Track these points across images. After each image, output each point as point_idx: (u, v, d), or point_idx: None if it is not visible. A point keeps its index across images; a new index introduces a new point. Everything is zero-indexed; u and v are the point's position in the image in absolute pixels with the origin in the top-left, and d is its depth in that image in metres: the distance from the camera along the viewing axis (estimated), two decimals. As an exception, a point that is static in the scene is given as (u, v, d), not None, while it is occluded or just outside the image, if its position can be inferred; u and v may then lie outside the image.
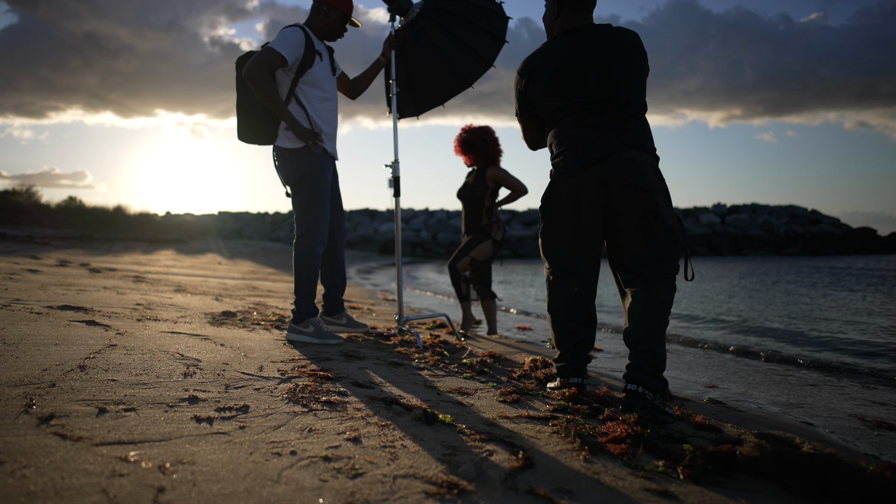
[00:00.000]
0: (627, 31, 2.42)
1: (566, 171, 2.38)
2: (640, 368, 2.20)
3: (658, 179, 2.31)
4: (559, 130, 2.44)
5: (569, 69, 2.38)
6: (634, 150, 2.30)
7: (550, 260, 2.49)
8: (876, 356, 4.68)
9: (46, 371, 2.01)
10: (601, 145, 2.32)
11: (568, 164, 2.38)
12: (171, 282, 6.61)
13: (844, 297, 9.87)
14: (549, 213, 2.46)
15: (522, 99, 2.57)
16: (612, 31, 2.41)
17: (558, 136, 2.44)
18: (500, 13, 3.76)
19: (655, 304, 2.27)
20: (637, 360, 2.22)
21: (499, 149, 4.60)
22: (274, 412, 1.84)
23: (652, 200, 2.25)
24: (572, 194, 2.37)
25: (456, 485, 1.36)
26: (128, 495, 1.17)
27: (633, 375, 2.20)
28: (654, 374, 2.20)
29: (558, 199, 2.42)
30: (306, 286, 3.29)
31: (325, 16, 3.31)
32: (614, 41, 2.37)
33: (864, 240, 39.09)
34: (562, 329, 2.47)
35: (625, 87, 2.34)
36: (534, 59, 2.49)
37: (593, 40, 2.39)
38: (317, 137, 3.22)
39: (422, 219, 40.64)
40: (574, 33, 2.44)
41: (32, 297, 3.81)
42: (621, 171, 2.27)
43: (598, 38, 2.40)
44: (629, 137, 2.32)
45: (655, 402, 2.15)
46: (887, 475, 1.55)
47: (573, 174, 2.35)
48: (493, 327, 4.67)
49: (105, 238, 15.47)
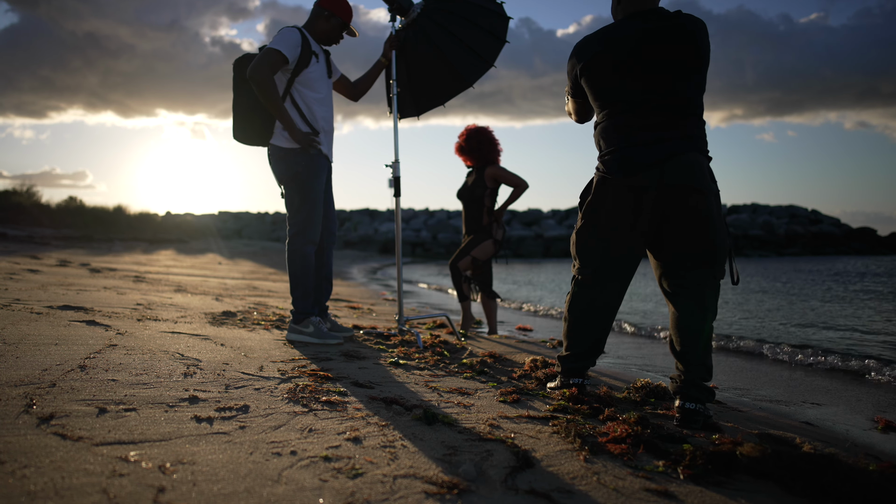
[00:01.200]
0: (697, 21, 2.21)
1: (620, 171, 2.24)
2: (694, 386, 2.13)
3: (713, 182, 2.21)
4: (613, 126, 2.29)
5: (633, 62, 2.21)
6: (695, 153, 2.18)
7: (583, 260, 2.37)
8: (881, 356, 4.68)
9: (47, 371, 2.01)
10: (661, 147, 2.18)
11: (622, 164, 2.23)
12: (172, 282, 6.61)
13: (847, 297, 9.87)
14: (594, 212, 2.32)
15: (575, 82, 2.41)
16: (682, 20, 2.20)
17: (611, 133, 2.29)
18: (500, 13, 3.76)
19: (706, 314, 2.18)
20: (690, 375, 2.15)
21: (497, 148, 4.60)
22: (274, 412, 1.84)
23: (706, 204, 2.15)
24: (624, 196, 2.23)
25: (456, 485, 1.36)
26: (128, 495, 1.17)
27: (689, 393, 2.12)
28: (705, 387, 2.15)
29: (606, 200, 2.28)
30: (302, 286, 3.29)
31: (326, 21, 3.32)
32: (685, 35, 2.18)
33: (865, 240, 39.11)
34: (578, 331, 2.39)
35: (690, 87, 2.19)
36: (593, 43, 2.30)
37: (662, 31, 2.19)
38: (314, 141, 3.23)
39: (422, 219, 40.65)
40: (640, 18, 2.25)
41: (33, 297, 3.81)
42: (683, 175, 2.15)
43: (667, 29, 2.19)
44: (690, 140, 2.19)
45: (709, 414, 2.12)
46: (888, 475, 1.55)
47: (626, 177, 2.22)
48: (493, 327, 4.67)
49: (105, 238, 15.48)
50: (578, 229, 2.39)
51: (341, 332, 3.54)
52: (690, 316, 2.19)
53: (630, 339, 5.44)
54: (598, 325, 2.37)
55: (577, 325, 2.39)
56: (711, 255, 2.17)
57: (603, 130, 2.32)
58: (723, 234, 2.18)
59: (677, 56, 2.18)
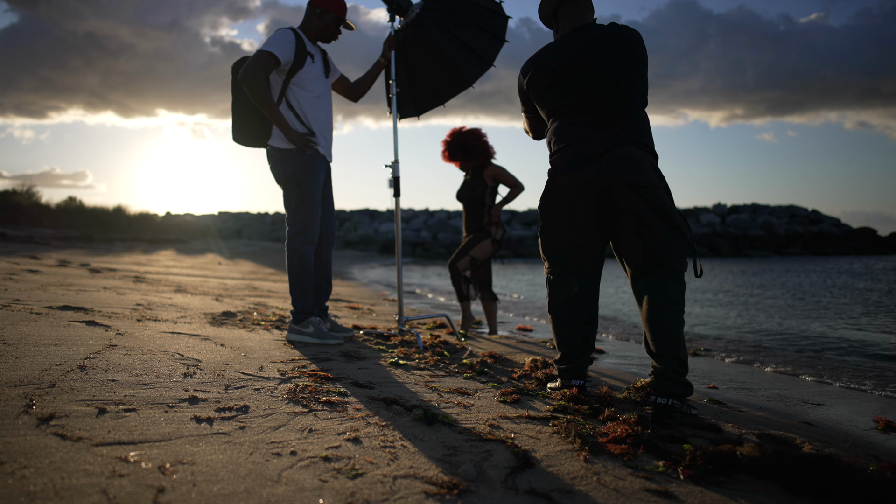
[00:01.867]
0: (629, 29, 2.40)
1: (563, 169, 2.36)
2: (667, 379, 2.15)
3: (657, 177, 2.28)
4: (557, 128, 2.43)
5: (569, 68, 2.36)
6: (631, 147, 2.28)
7: (550, 259, 2.48)
8: (881, 357, 4.68)
9: (46, 371, 2.01)
10: (597, 142, 2.29)
11: (565, 162, 2.36)
12: (171, 282, 6.61)
13: (848, 297, 9.87)
14: (548, 211, 2.45)
15: (524, 96, 2.60)
16: (614, 29, 2.40)
17: (556, 134, 2.43)
18: (499, 12, 3.76)
19: (668, 306, 2.22)
20: (661, 370, 2.18)
21: (488, 149, 4.55)
22: (274, 412, 1.84)
23: (652, 197, 2.22)
24: (569, 193, 2.35)
25: (456, 485, 1.36)
26: (128, 495, 1.17)
27: (661, 387, 2.15)
28: (680, 381, 2.16)
29: (555, 198, 2.40)
30: (301, 286, 3.30)
31: (319, 18, 3.32)
32: (616, 39, 2.36)
33: (865, 240, 39.09)
34: (562, 330, 2.46)
35: (625, 87, 2.32)
36: (536, 58, 2.49)
37: (595, 39, 2.38)
38: (309, 142, 3.23)
39: (422, 219, 40.63)
40: (578, 31, 2.44)
41: (32, 298, 3.81)
42: (619, 168, 2.24)
43: (599, 36, 2.38)
44: (625, 134, 2.30)
45: (684, 410, 2.13)
46: (888, 475, 1.55)
47: (570, 172, 2.34)
48: (493, 327, 4.67)
49: (105, 238, 15.48)
50: (540, 230, 2.51)
51: (341, 333, 3.53)
52: (656, 310, 2.24)
53: (630, 339, 5.44)
54: (579, 321, 2.43)
55: (559, 324, 2.47)
56: (667, 248, 2.23)
57: (552, 133, 2.47)
58: (675, 224, 2.23)
59: (613, 60, 2.33)
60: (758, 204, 44.09)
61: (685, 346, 2.25)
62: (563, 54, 2.40)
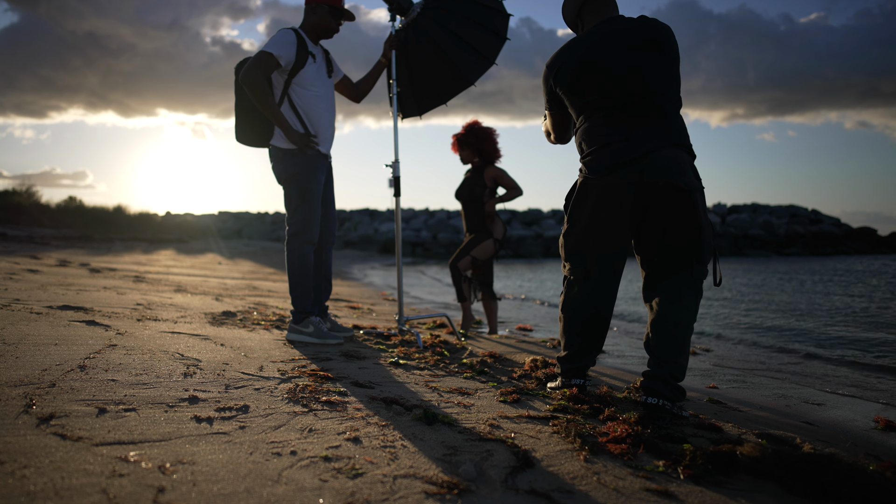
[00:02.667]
0: (661, 23, 2.29)
1: (599, 170, 2.25)
2: (660, 380, 2.12)
3: (696, 179, 2.21)
4: (590, 128, 2.32)
5: (600, 63, 2.26)
6: (673, 148, 2.19)
7: (573, 261, 2.38)
8: (882, 357, 4.68)
9: (46, 371, 2.01)
10: (637, 143, 2.19)
11: (601, 163, 2.25)
12: (171, 282, 6.61)
13: (849, 294, 9.87)
14: (577, 212, 2.34)
15: (551, 92, 2.47)
16: (646, 20, 2.30)
17: (589, 134, 2.32)
18: (501, 10, 3.75)
19: (682, 313, 2.18)
20: (657, 370, 2.15)
21: (497, 148, 4.61)
22: (274, 412, 1.84)
23: (690, 201, 2.15)
24: (605, 195, 2.25)
25: (456, 485, 1.36)
26: (128, 495, 1.17)
27: (652, 387, 2.12)
28: (674, 384, 2.14)
29: (589, 200, 2.30)
30: (301, 286, 3.30)
31: (313, 13, 3.31)
32: (650, 33, 2.25)
33: (865, 240, 39.06)
34: (573, 331, 2.39)
35: (653, 83, 2.22)
36: (564, 52, 2.37)
37: (627, 32, 2.28)
38: (310, 142, 3.23)
39: (422, 219, 40.61)
40: (605, 24, 2.34)
41: (32, 297, 3.81)
42: (662, 169, 2.15)
43: (632, 29, 2.27)
44: (666, 134, 2.20)
45: (674, 412, 2.11)
46: (888, 475, 1.55)
47: (608, 175, 2.23)
48: (493, 327, 4.67)
49: (105, 238, 15.48)
50: (565, 232, 2.41)
51: (341, 332, 3.53)
52: (667, 314, 2.20)
53: (630, 339, 5.44)
54: (593, 323, 2.37)
55: (572, 324, 2.40)
56: (691, 253, 2.18)
57: (583, 133, 2.35)
58: (705, 233, 2.18)
59: (645, 54, 2.23)
60: (758, 204, 44.05)
61: (688, 352, 2.22)
62: (589, 49, 2.29)
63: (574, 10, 2.47)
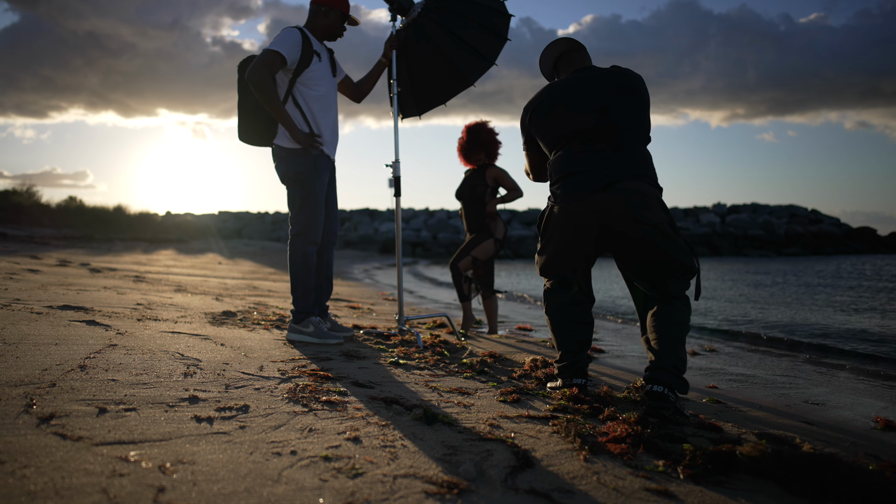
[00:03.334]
0: (629, 70, 2.49)
1: (564, 199, 2.40)
2: (663, 369, 2.19)
3: (663, 212, 2.31)
4: (558, 159, 2.48)
5: (571, 102, 2.44)
6: (637, 180, 2.31)
7: (547, 275, 2.58)
8: (882, 355, 4.68)
9: (47, 371, 2.01)
10: (602, 174, 2.32)
11: (565, 192, 2.40)
12: (172, 282, 6.61)
13: (850, 296, 9.87)
14: (547, 238, 2.52)
15: (527, 133, 2.67)
16: (617, 69, 2.50)
17: (557, 164, 2.48)
18: (501, 11, 3.75)
19: (674, 313, 2.31)
20: (660, 362, 2.22)
21: (496, 151, 4.60)
22: (274, 412, 1.84)
23: (652, 235, 2.26)
24: (569, 221, 2.40)
25: (456, 485, 1.36)
26: (128, 495, 1.17)
27: (656, 376, 2.18)
28: (678, 375, 2.20)
29: (557, 226, 2.45)
30: (302, 286, 3.30)
31: (325, 16, 3.31)
32: (613, 77, 2.45)
33: (864, 239, 39.07)
34: (561, 330, 2.52)
35: (627, 121, 2.38)
36: (539, 95, 2.58)
37: (591, 78, 2.48)
38: (315, 142, 3.23)
39: (422, 218, 40.62)
40: (575, 72, 2.56)
41: (33, 297, 3.81)
42: (626, 203, 2.27)
43: (596, 75, 2.48)
44: (628, 166, 2.33)
45: (677, 404, 2.15)
46: (888, 475, 1.55)
47: (572, 203, 2.37)
48: (493, 327, 4.67)
49: (105, 238, 15.48)
50: (538, 251, 2.60)
51: (341, 332, 3.53)
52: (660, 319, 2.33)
53: (630, 338, 5.44)
54: (575, 321, 2.51)
55: (558, 325, 2.54)
56: (663, 282, 2.32)
57: (553, 163, 2.52)
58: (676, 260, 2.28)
59: (614, 94, 2.41)
60: (758, 204, 44.06)
61: (685, 347, 2.30)
62: (559, 90, 2.51)
63: (550, 62, 2.69)
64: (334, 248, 3.62)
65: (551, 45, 2.67)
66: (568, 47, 2.65)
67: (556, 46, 2.66)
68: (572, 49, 2.64)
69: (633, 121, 2.40)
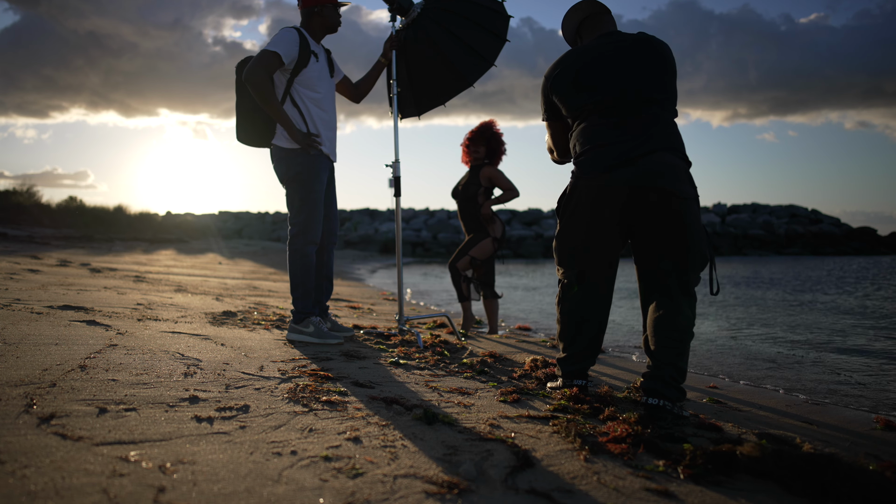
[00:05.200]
0: (658, 39, 2.36)
1: (591, 170, 2.26)
2: (660, 380, 2.12)
3: (691, 187, 2.22)
4: (583, 129, 2.34)
5: (596, 66, 2.31)
6: (667, 154, 2.20)
7: (566, 264, 2.40)
8: (883, 357, 4.67)
9: (47, 371, 2.01)
10: (631, 145, 2.20)
11: (592, 164, 2.26)
12: (172, 282, 6.61)
13: (850, 296, 9.87)
14: (569, 214, 2.36)
15: (548, 101, 2.50)
16: (644, 35, 2.37)
17: (583, 135, 2.33)
18: (501, 12, 3.76)
19: (678, 318, 2.19)
20: (658, 371, 2.15)
21: (500, 153, 4.62)
22: (274, 412, 1.84)
23: (682, 210, 2.16)
24: (595, 196, 2.26)
25: (456, 485, 1.36)
26: (128, 495, 1.17)
27: (653, 388, 2.12)
28: (674, 385, 2.14)
29: (580, 203, 2.31)
30: (302, 286, 3.30)
31: (319, 14, 3.31)
32: (647, 45, 2.32)
33: (865, 239, 39.04)
34: (572, 332, 2.40)
35: (650, 89, 2.26)
36: (562, 61, 2.43)
37: (616, 43, 2.34)
38: (314, 141, 3.23)
39: (422, 218, 40.61)
40: (599, 38, 2.41)
41: (33, 297, 3.81)
42: (655, 175, 2.16)
43: (622, 40, 2.35)
44: (659, 138, 2.21)
45: (675, 412, 2.11)
46: (888, 475, 1.55)
47: (599, 175, 2.24)
48: (493, 327, 4.67)
49: (106, 238, 15.48)
50: (558, 233, 2.43)
51: (341, 332, 3.53)
52: (664, 319, 2.21)
53: (630, 339, 5.44)
54: (591, 324, 2.37)
55: (569, 326, 2.40)
56: (683, 259, 2.19)
57: (577, 134, 2.37)
58: (698, 242, 2.18)
59: (642, 63, 2.28)
60: (758, 203, 44.04)
61: (688, 356, 2.22)
62: (586, 57, 2.36)
63: (573, 26, 2.54)
64: (334, 249, 3.62)
65: (574, 7, 2.52)
66: (592, 10, 2.50)
67: (580, 9, 2.51)
68: (597, 12, 2.49)
69: (660, 91, 2.27)
